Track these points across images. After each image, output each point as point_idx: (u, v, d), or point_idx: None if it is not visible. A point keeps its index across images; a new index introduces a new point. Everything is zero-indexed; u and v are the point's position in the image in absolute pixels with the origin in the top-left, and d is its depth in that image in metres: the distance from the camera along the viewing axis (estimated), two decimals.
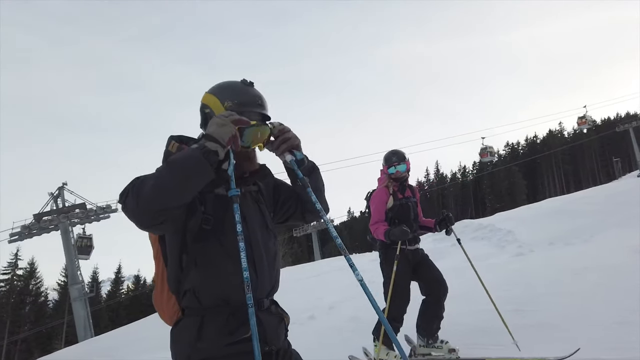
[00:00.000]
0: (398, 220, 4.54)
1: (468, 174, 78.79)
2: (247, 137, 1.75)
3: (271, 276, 1.83)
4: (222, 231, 1.72)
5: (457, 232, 17.10)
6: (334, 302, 7.65)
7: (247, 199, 1.86)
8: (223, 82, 1.89)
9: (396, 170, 4.64)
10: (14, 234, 28.71)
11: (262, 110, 1.82)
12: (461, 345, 4.63)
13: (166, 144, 1.83)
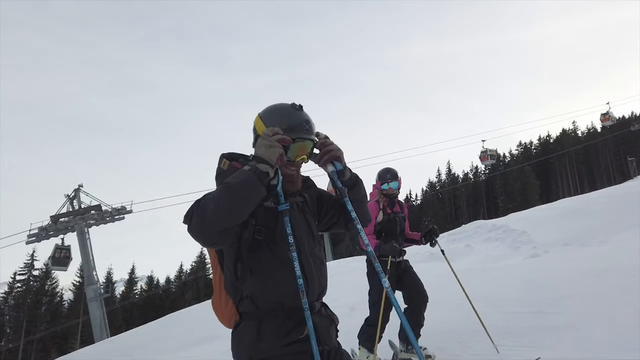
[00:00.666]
0: (385, 234, 4.89)
1: (480, 174, 78.17)
2: (291, 152, 1.90)
3: (320, 281, 1.96)
4: (273, 241, 1.85)
5: (471, 233, 17.08)
6: (355, 303, 7.68)
7: (295, 210, 1.98)
8: (273, 105, 2.01)
9: (389, 187, 4.95)
10: (32, 235, 29.15)
11: (307, 135, 1.92)
12: (483, 347, 4.67)
13: (218, 161, 1.99)
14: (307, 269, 1.89)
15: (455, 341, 4.79)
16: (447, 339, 4.83)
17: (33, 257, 47.16)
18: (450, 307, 5.46)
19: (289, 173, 1.95)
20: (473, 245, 15.72)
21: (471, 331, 5.15)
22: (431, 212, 73.04)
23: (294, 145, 1.89)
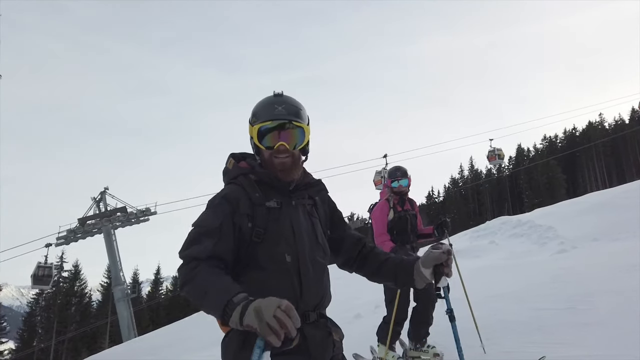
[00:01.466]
0: (397, 232, 4.94)
1: (504, 169, 76.96)
2: (268, 138, 1.85)
3: (318, 290, 1.82)
4: (272, 243, 1.76)
5: (495, 229, 16.92)
6: (379, 300, 7.68)
7: (299, 211, 1.89)
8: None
9: (399, 185, 5.02)
10: (61, 237, 29.92)
11: (281, 117, 1.84)
12: (514, 344, 4.62)
13: (226, 160, 2.01)
14: (304, 276, 1.78)
15: (483, 338, 4.74)
16: (474, 337, 4.76)
17: (62, 259, 48.37)
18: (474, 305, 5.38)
19: (279, 161, 1.86)
20: (498, 241, 15.49)
21: (498, 328, 5.08)
22: (454, 209, 72.27)
23: (268, 131, 1.84)
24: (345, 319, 7.04)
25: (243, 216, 1.76)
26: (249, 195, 1.82)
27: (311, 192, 1.98)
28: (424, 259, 1.86)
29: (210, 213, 1.80)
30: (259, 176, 1.88)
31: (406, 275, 1.91)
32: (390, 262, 2.00)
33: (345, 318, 7.05)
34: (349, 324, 6.90)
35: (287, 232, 1.80)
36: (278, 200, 1.84)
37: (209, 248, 1.67)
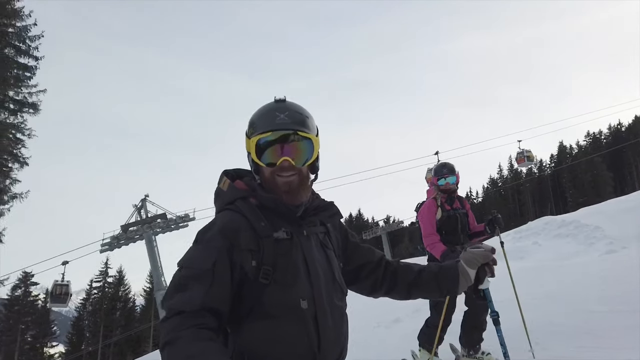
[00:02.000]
0: (445, 232, 4.64)
1: (545, 168, 74.54)
2: (268, 154, 1.53)
3: (338, 339, 1.53)
4: (283, 284, 1.45)
5: (538, 230, 16.40)
6: (419, 304, 7.51)
7: (311, 242, 1.57)
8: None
9: (446, 182, 4.72)
10: (105, 244, 30.92)
11: (283, 126, 1.51)
12: (563, 348, 4.42)
13: (218, 180, 1.66)
14: (321, 323, 1.47)
15: (532, 342, 4.54)
16: (522, 341, 4.56)
17: (107, 265, 50.06)
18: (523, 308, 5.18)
19: (283, 181, 1.52)
20: (541, 242, 14.94)
21: (547, 332, 4.86)
22: (493, 209, 70.34)
23: (269, 144, 1.52)
24: (384, 323, 6.91)
25: (245, 252, 1.43)
26: (251, 225, 1.48)
27: (322, 217, 1.65)
28: (467, 259, 1.69)
29: (201, 250, 1.44)
30: (262, 200, 1.54)
31: (452, 282, 1.71)
32: (428, 273, 1.76)
33: (384, 322, 6.92)
34: (387, 328, 6.76)
35: (300, 270, 1.48)
36: (287, 229, 1.51)
37: (197, 298, 1.32)
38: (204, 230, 1.50)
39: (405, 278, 1.78)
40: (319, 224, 1.64)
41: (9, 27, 20.29)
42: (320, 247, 1.60)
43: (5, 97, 20.27)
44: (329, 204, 1.68)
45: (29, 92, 20.97)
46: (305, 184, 1.57)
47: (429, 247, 4.56)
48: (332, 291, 1.55)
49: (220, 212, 1.58)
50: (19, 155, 20.51)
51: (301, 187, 1.55)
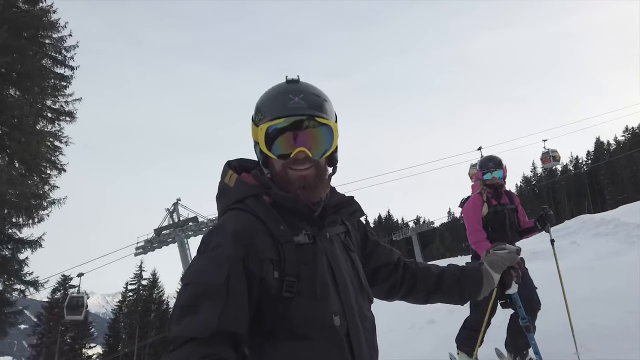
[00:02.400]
0: (492, 228, 4.34)
1: (581, 165, 72.26)
2: (279, 143, 1.31)
3: (372, 356, 1.33)
4: (309, 297, 1.23)
5: (576, 229, 15.96)
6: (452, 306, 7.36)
7: (335, 246, 1.35)
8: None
9: (492, 177, 4.44)
10: (139, 247, 31.66)
11: (297, 111, 1.28)
12: (610, 351, 4.23)
13: (222, 173, 1.42)
14: (355, 341, 1.26)
15: (577, 344, 4.36)
16: (567, 344, 4.39)
17: (141, 268, 51.19)
18: (561, 308, 5.00)
19: (297, 175, 1.30)
20: (579, 242, 14.46)
21: (591, 334, 4.68)
22: (527, 208, 68.52)
23: (280, 132, 1.29)
24: (418, 325, 6.78)
25: (265, 262, 1.21)
26: (268, 228, 1.26)
27: (344, 215, 1.44)
28: (491, 262, 1.55)
29: (210, 261, 1.19)
30: (277, 199, 1.31)
31: (474, 286, 1.55)
32: (449, 276, 1.58)
33: (418, 324, 6.80)
34: (421, 329, 6.64)
35: (327, 280, 1.26)
36: (308, 232, 1.30)
37: (212, 321, 1.08)
38: (208, 236, 1.26)
39: (424, 282, 1.60)
40: (339, 224, 1.43)
41: (46, 38, 21.02)
42: (344, 250, 1.39)
43: (44, 106, 20.98)
44: (349, 200, 1.46)
45: (66, 101, 21.65)
46: (322, 179, 1.35)
47: (475, 245, 4.33)
48: (361, 300, 1.34)
49: (228, 211, 1.33)
50: (57, 162, 21.19)
51: (318, 182, 1.33)
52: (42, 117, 20.84)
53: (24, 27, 19.61)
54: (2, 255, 19.58)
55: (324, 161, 1.35)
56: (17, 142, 18.17)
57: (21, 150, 18.36)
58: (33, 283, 20.28)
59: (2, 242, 19.46)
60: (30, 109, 18.63)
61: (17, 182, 18.02)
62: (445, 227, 76.42)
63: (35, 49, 20.03)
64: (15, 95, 19.17)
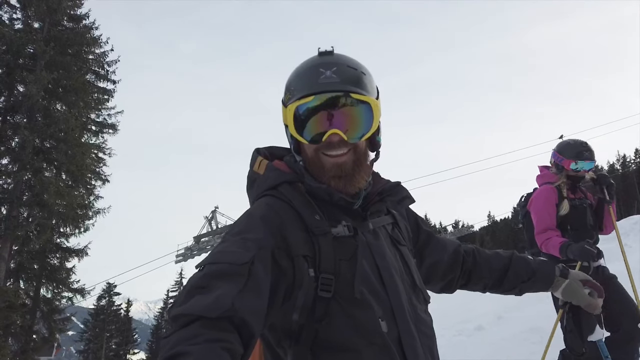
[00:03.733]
0: (572, 227, 3.54)
1: (630, 164, 69.09)
2: (310, 125, 1.14)
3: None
4: (350, 298, 1.06)
5: (626, 230, 15.29)
6: (501, 310, 7.08)
7: (381, 239, 1.18)
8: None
9: (582, 169, 3.58)
10: (179, 255, 32.39)
11: (332, 86, 1.12)
12: None
13: (251, 160, 1.28)
14: (410, 350, 1.07)
15: None
16: None
17: (181, 275, 52.20)
18: None
19: (331, 162, 1.14)
20: (631, 244, 13.79)
21: None
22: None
23: (312, 113, 1.13)
24: (465, 331, 6.56)
25: (298, 259, 1.05)
26: (302, 219, 1.11)
27: (390, 204, 1.26)
28: (569, 290, 1.38)
29: (233, 244, 1.03)
30: (310, 189, 1.16)
31: (536, 289, 1.44)
32: (514, 274, 1.44)
33: (465, 330, 6.57)
34: (469, 337, 6.41)
35: (372, 279, 1.09)
36: (348, 224, 1.13)
37: (227, 298, 0.89)
38: (235, 223, 1.12)
39: (482, 276, 1.46)
40: (384, 213, 1.25)
41: (90, 54, 21.84)
42: (392, 244, 1.21)
43: (88, 119, 21.77)
44: (395, 186, 1.27)
45: (108, 114, 22.42)
46: (362, 165, 1.17)
47: (544, 246, 3.53)
48: (415, 302, 1.16)
49: (259, 199, 1.18)
50: (101, 173, 21.90)
51: (357, 169, 1.15)
52: (87, 130, 21.61)
53: (68, 44, 20.44)
54: (51, 264, 20.35)
55: (363, 145, 1.18)
56: (64, 155, 18.88)
57: (68, 162, 19.05)
58: (80, 290, 20.96)
59: (51, 251, 20.23)
60: (76, 122, 19.31)
61: (65, 194, 18.71)
62: (485, 230, 74.52)
63: (80, 65, 20.81)
64: (62, 110, 19.95)
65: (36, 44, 18.85)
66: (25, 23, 20.23)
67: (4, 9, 19.93)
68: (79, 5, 21.69)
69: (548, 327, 4.17)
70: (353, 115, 1.13)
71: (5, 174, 18.69)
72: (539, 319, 5.64)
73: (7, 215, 17.98)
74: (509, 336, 4.54)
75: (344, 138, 1.11)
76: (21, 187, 18.46)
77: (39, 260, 19.72)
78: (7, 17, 20.04)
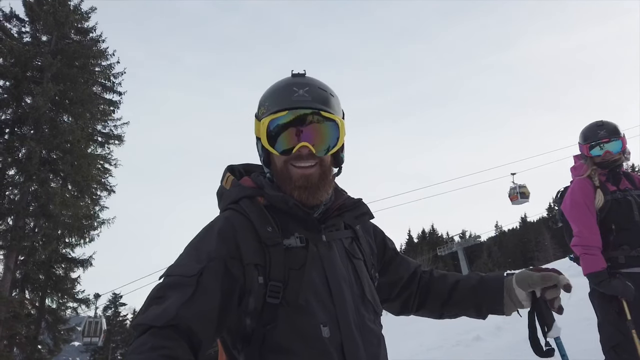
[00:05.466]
0: (616, 225, 2.98)
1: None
2: (283, 139, 1.25)
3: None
4: (296, 306, 1.14)
5: None
6: (500, 321, 7.01)
7: (334, 250, 1.26)
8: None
9: (604, 151, 3.09)
10: None
11: (301, 104, 1.23)
12: None
13: (221, 176, 1.39)
14: (349, 354, 1.14)
15: None
16: None
17: None
18: None
19: (299, 173, 1.23)
20: None
21: None
22: None
23: (284, 128, 1.24)
24: (463, 342, 6.50)
25: (249, 268, 1.15)
26: (256, 231, 1.20)
27: (348, 219, 1.33)
28: (519, 277, 1.32)
29: (188, 255, 1.17)
30: (270, 200, 1.25)
31: (494, 296, 1.37)
32: (465, 283, 1.43)
33: (463, 341, 6.52)
34: (467, 346, 6.35)
35: (319, 287, 1.18)
36: (301, 235, 1.22)
37: (170, 310, 1.01)
38: (198, 234, 1.23)
39: (438, 292, 1.46)
40: (343, 228, 1.34)
41: (96, 66, 22.16)
42: (346, 256, 1.28)
43: (94, 131, 22.03)
44: (356, 202, 1.35)
45: (114, 125, 22.69)
46: (326, 179, 1.27)
47: (581, 255, 3.01)
48: (362, 311, 1.23)
49: (222, 212, 1.31)
50: (107, 184, 22.09)
51: (322, 181, 1.25)
52: (93, 141, 21.86)
53: (75, 57, 20.77)
54: (56, 274, 20.45)
55: (329, 159, 1.29)
56: (70, 166, 19.07)
57: (74, 173, 19.25)
58: (85, 301, 21.02)
59: (57, 262, 20.35)
60: (82, 133, 19.54)
61: (70, 204, 18.87)
62: (492, 241, 74.05)
63: (86, 77, 21.12)
64: (68, 121, 20.19)
65: (44, 57, 19.19)
66: (34, 36, 20.61)
67: (13, 22, 20.34)
68: (86, 18, 22.09)
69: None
70: (321, 131, 1.25)
71: (12, 184, 18.88)
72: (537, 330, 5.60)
73: (13, 225, 18.15)
74: (506, 347, 4.50)
75: (313, 151, 1.23)
76: (27, 197, 18.65)
77: (44, 271, 19.84)
78: (16, 30, 20.45)
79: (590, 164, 3.18)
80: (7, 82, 19.33)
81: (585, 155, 3.22)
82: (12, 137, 19.29)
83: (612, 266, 2.93)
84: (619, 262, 2.94)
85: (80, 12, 21.82)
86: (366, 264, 1.35)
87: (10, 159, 18.78)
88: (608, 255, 2.96)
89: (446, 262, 60.36)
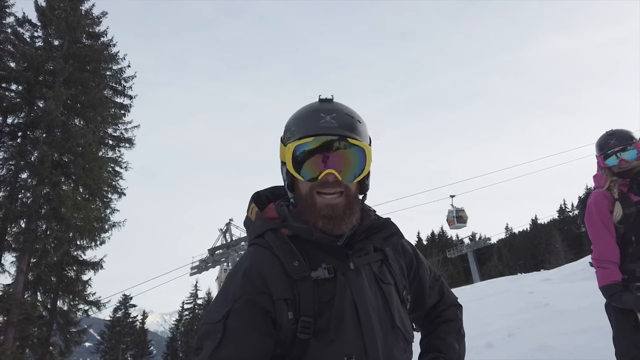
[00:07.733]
0: (637, 239, 2.84)
1: None
2: (308, 166, 1.23)
3: None
4: (325, 339, 1.14)
5: None
6: (512, 327, 6.93)
7: (362, 278, 1.24)
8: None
9: (620, 160, 2.94)
10: (194, 267, 32.56)
11: (330, 130, 1.21)
12: None
13: (247, 206, 1.38)
14: None
15: None
16: None
17: (196, 287, 52.43)
18: None
19: (324, 202, 1.21)
20: None
21: None
22: None
23: (310, 154, 1.22)
24: (474, 348, 6.44)
25: (279, 303, 1.15)
26: (283, 265, 1.19)
27: (376, 241, 1.30)
28: None
29: (217, 300, 1.19)
30: (295, 231, 1.24)
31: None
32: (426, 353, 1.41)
33: (475, 347, 6.46)
34: (478, 354, 6.29)
35: (346, 318, 1.17)
36: (329, 266, 1.20)
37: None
38: (228, 274, 1.27)
39: (428, 341, 1.47)
40: (372, 251, 1.30)
41: (107, 70, 22.34)
42: (375, 282, 1.26)
43: (105, 134, 22.19)
44: (384, 223, 1.32)
45: (125, 129, 22.83)
46: (352, 209, 1.24)
47: (596, 268, 2.95)
48: (391, 341, 1.22)
49: (249, 246, 1.31)
50: (117, 187, 22.23)
51: (347, 212, 1.22)
52: (104, 145, 22.02)
53: (87, 61, 20.93)
54: (68, 276, 20.61)
55: (355, 188, 1.26)
56: (81, 169, 19.23)
57: (85, 176, 19.39)
58: (95, 303, 21.15)
59: (68, 264, 20.51)
60: (93, 137, 19.69)
61: (82, 207, 19.00)
62: (503, 243, 73.53)
63: (97, 81, 21.27)
64: (80, 125, 20.37)
65: (55, 61, 19.37)
66: (46, 41, 20.79)
67: (25, 27, 20.56)
68: (97, 23, 22.25)
69: (557, 345, 4.08)
70: (348, 158, 1.22)
71: (25, 187, 19.08)
72: (549, 337, 5.54)
73: (25, 228, 18.32)
74: (517, 354, 4.45)
75: (339, 178, 1.20)
76: (39, 200, 18.82)
77: (56, 273, 19.99)
78: (28, 35, 20.65)
79: (609, 175, 3.03)
80: (19, 86, 19.51)
81: (602, 165, 3.08)
82: (25, 140, 19.48)
83: (629, 279, 2.84)
84: (636, 275, 2.84)
85: (92, 17, 22.00)
86: (397, 287, 1.33)
87: (22, 162, 18.95)
88: (626, 267, 2.87)
89: (456, 264, 60.03)
